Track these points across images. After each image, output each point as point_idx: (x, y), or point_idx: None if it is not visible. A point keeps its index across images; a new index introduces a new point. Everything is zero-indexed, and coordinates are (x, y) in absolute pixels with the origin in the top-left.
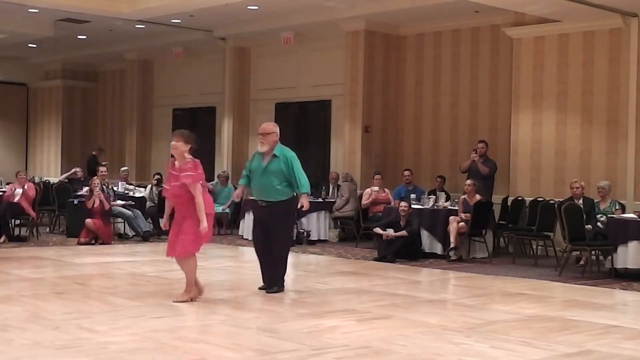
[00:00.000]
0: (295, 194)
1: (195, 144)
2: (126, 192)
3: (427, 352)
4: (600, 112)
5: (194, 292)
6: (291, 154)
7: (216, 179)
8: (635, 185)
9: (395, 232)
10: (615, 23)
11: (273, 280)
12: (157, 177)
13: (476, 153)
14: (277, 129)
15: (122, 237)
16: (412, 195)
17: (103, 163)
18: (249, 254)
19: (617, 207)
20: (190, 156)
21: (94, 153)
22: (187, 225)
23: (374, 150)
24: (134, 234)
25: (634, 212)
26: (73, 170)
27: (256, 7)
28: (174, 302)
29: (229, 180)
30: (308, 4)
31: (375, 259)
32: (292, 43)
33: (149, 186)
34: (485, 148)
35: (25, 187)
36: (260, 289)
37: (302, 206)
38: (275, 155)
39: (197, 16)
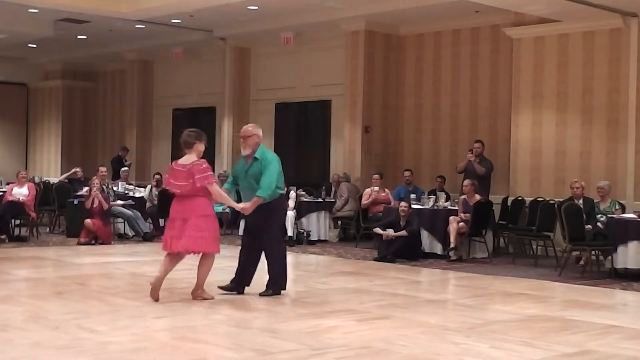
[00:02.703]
0: (281, 195)
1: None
2: (126, 192)
3: (427, 352)
4: (600, 112)
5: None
6: (272, 156)
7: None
8: (635, 185)
9: (395, 232)
10: (615, 23)
11: (270, 284)
12: (157, 177)
13: (472, 153)
14: (259, 131)
15: (122, 237)
16: (412, 195)
17: (127, 163)
18: None
19: (617, 207)
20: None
21: (119, 154)
22: (204, 222)
23: (374, 150)
24: (133, 234)
25: (634, 212)
26: (73, 170)
27: (256, 7)
28: (200, 298)
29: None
30: (308, 4)
31: (375, 259)
32: (292, 43)
33: (149, 187)
34: (481, 148)
35: (26, 187)
36: (219, 287)
37: (243, 208)
38: (255, 158)
39: (197, 16)
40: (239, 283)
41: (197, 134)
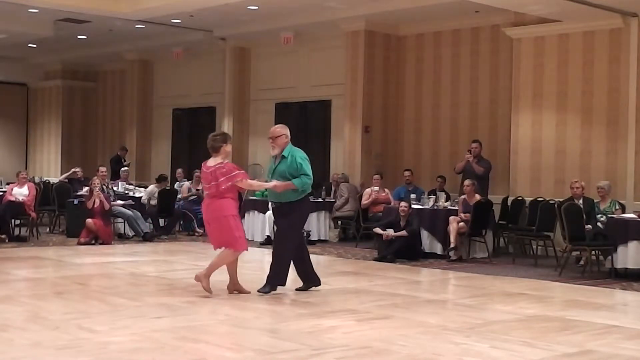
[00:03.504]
0: (306, 195)
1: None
2: (126, 192)
3: (427, 352)
4: (600, 112)
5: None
6: (301, 155)
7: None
8: (635, 185)
9: (395, 232)
10: (615, 23)
11: (268, 279)
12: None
13: (470, 153)
14: (287, 131)
15: (122, 237)
16: (412, 195)
17: (126, 162)
18: (250, 254)
19: (617, 207)
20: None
21: (118, 153)
22: (232, 221)
23: (374, 150)
24: (134, 234)
25: (634, 212)
26: (72, 170)
27: (256, 7)
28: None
29: None
30: (308, 4)
31: (375, 259)
32: (292, 43)
33: (151, 187)
34: (479, 148)
35: (26, 187)
36: (297, 289)
37: (275, 185)
38: (283, 156)
39: (197, 16)
40: (309, 281)
41: (223, 137)
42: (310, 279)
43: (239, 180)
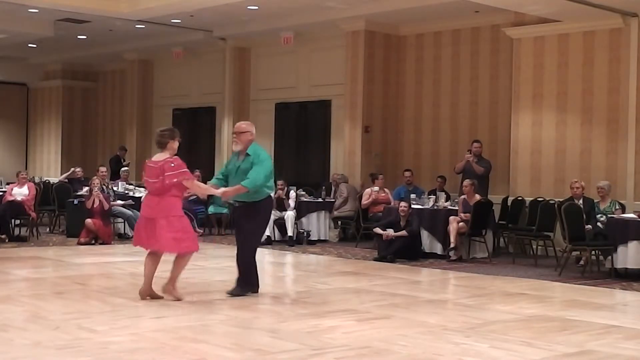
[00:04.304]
0: (269, 196)
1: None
2: (126, 192)
3: (427, 352)
4: (600, 112)
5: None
6: (265, 155)
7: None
8: (635, 185)
9: (395, 232)
10: (615, 23)
11: (236, 281)
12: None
13: (471, 153)
14: (252, 128)
15: (122, 237)
16: (412, 195)
17: (125, 162)
18: None
19: (617, 207)
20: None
21: (117, 153)
22: (177, 222)
23: (374, 150)
24: (133, 234)
25: (634, 212)
26: (72, 170)
27: (256, 7)
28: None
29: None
30: (308, 4)
31: (375, 259)
32: (292, 43)
33: None
34: (480, 148)
35: (26, 187)
36: (227, 293)
37: (224, 192)
38: (248, 155)
39: (197, 16)
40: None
41: (171, 132)
42: (253, 285)
43: (186, 179)
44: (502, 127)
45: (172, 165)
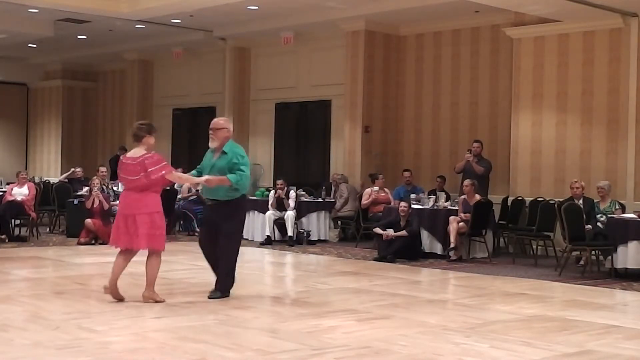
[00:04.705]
0: (244, 195)
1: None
2: None
3: (427, 352)
4: (600, 112)
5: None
6: (241, 152)
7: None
8: (635, 185)
9: (395, 232)
10: (615, 23)
11: (217, 284)
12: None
13: (471, 153)
14: (230, 125)
15: None
16: (412, 195)
17: None
18: (249, 254)
19: (617, 207)
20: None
21: (117, 153)
22: (158, 219)
23: (374, 150)
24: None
25: (634, 212)
26: (72, 170)
27: (256, 7)
28: (154, 301)
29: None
30: (308, 4)
31: (375, 259)
32: (292, 43)
33: None
34: (480, 148)
35: (26, 187)
36: (209, 297)
37: (207, 180)
38: (224, 152)
39: (197, 16)
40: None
41: (148, 127)
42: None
43: (168, 172)
44: (502, 127)
45: (153, 160)
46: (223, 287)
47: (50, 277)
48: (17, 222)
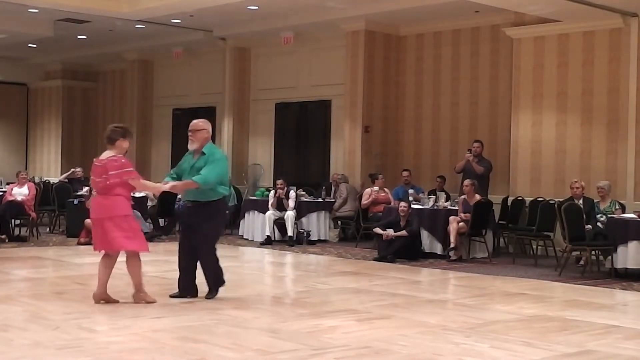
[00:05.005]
0: (223, 197)
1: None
2: None
3: (427, 352)
4: (600, 112)
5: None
6: (220, 155)
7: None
8: (635, 185)
9: (395, 232)
10: (615, 23)
11: (208, 284)
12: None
13: (471, 153)
14: (209, 126)
15: None
16: (410, 191)
17: None
18: (249, 254)
19: (617, 207)
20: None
21: None
22: (124, 222)
23: (374, 150)
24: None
25: (634, 212)
26: (72, 170)
27: (256, 7)
28: (145, 302)
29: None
30: (308, 4)
31: (375, 259)
32: (292, 43)
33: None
34: (480, 148)
35: (26, 187)
36: (171, 296)
37: (173, 186)
38: (203, 153)
39: (197, 16)
40: (186, 290)
41: (123, 131)
42: (188, 289)
43: (131, 178)
44: (502, 127)
45: (116, 164)
46: (215, 286)
47: (50, 277)
48: (17, 222)
